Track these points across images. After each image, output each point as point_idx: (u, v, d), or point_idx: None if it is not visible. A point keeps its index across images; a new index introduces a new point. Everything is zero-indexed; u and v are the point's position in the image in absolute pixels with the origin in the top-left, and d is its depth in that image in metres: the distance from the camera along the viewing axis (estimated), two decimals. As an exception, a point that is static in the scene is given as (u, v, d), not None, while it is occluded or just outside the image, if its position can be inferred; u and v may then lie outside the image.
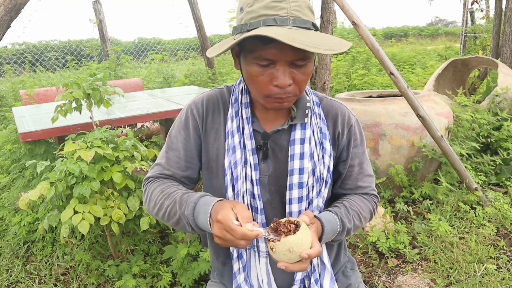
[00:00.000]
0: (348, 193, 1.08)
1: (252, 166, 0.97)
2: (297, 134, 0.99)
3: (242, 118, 0.99)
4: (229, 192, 0.98)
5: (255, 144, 0.99)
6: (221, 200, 0.89)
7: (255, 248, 1.02)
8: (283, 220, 0.87)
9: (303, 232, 0.83)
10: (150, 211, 1.02)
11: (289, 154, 0.99)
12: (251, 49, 0.85)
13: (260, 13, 0.82)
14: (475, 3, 7.48)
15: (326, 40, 0.81)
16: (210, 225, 0.86)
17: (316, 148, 0.99)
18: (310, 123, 1.00)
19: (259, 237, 0.81)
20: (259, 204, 0.98)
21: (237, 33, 0.87)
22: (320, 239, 0.93)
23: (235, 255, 1.02)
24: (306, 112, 0.99)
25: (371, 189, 1.10)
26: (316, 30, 0.86)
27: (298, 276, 1.02)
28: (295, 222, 0.85)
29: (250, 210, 1.00)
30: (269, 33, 0.75)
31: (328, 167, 1.01)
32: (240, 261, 1.01)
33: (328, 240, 0.97)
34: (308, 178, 0.97)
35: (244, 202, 0.99)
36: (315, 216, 0.95)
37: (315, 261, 1.02)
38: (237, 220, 0.81)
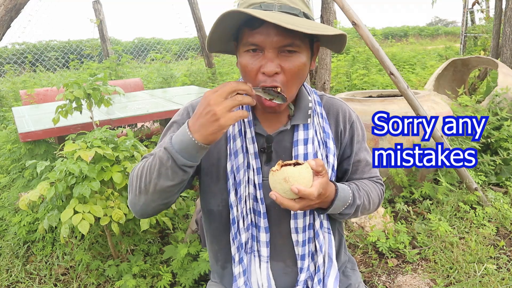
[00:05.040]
0: None
1: (255, 170, 0.97)
2: (300, 134, 0.99)
3: (244, 122, 0.98)
4: (232, 196, 0.98)
5: (257, 148, 0.98)
6: None
7: (256, 252, 1.02)
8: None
9: (303, 168, 0.83)
10: (133, 194, 0.90)
11: (292, 155, 0.99)
12: (241, 38, 0.89)
13: (249, 2, 0.86)
14: (476, 4, 7.47)
15: (311, 24, 0.83)
16: (189, 129, 0.81)
17: (319, 148, 0.99)
18: (313, 123, 1.00)
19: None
20: (262, 208, 0.98)
21: None
22: (331, 204, 0.93)
23: (236, 259, 1.01)
24: (309, 113, 0.99)
25: (377, 178, 1.12)
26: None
27: (302, 277, 1.02)
28: (299, 162, 0.85)
29: (253, 214, 0.99)
30: (248, 11, 0.77)
31: (333, 166, 1.01)
32: (240, 265, 1.01)
33: (337, 211, 0.96)
34: None
35: (246, 206, 0.98)
36: (331, 181, 0.95)
37: (320, 260, 1.01)
38: None
